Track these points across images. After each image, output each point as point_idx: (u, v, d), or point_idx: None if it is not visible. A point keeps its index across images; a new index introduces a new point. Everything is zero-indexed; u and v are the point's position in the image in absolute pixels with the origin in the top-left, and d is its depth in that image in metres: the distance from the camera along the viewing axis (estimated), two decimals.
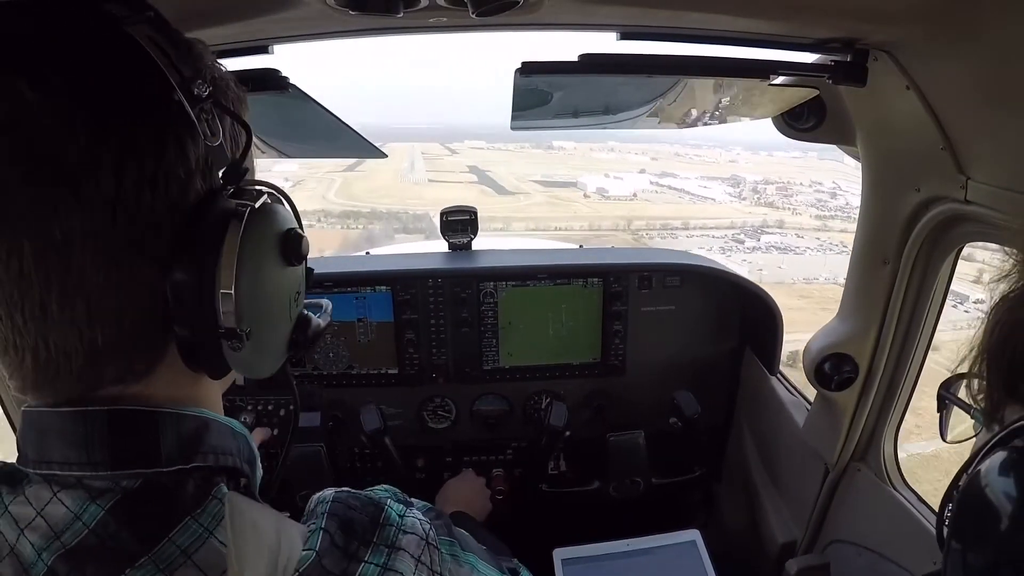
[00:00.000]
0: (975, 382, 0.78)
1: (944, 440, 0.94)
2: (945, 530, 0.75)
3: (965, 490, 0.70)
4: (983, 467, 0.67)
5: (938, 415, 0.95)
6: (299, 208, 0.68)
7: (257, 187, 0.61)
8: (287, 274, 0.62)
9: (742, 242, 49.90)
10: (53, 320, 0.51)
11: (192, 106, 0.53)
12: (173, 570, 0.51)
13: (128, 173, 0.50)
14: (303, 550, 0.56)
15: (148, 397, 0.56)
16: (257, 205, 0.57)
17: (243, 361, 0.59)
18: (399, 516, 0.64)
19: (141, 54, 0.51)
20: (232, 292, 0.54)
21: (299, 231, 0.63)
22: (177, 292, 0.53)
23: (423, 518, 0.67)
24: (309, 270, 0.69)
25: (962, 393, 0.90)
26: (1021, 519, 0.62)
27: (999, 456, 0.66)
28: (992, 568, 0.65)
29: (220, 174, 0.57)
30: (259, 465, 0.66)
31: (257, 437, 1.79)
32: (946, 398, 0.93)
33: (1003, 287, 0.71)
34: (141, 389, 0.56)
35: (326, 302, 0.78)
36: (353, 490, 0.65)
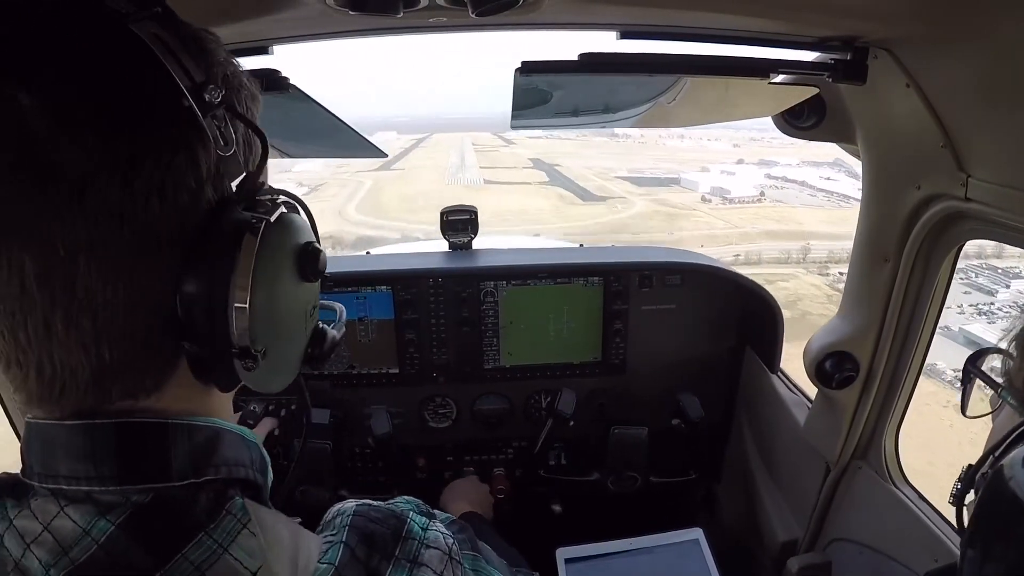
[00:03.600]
0: (1011, 362, 0.76)
1: (964, 414, 0.92)
2: (965, 517, 0.74)
3: (991, 482, 0.68)
4: (1010, 458, 0.66)
5: (961, 388, 0.93)
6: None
7: (271, 196, 0.58)
8: (303, 289, 0.60)
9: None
10: (58, 339, 0.48)
11: (203, 113, 0.50)
12: None
13: (136, 182, 0.47)
14: (319, 562, 0.55)
15: (159, 410, 0.54)
16: (273, 218, 0.54)
17: (256, 378, 0.57)
18: (422, 529, 0.62)
19: (148, 54, 0.48)
20: (246, 309, 0.51)
21: (316, 245, 0.60)
22: (188, 306, 0.51)
23: (446, 531, 0.65)
24: (324, 277, 0.67)
25: (989, 369, 0.89)
26: None
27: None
28: (1017, 563, 0.64)
29: (234, 185, 0.55)
30: (270, 471, 0.65)
31: (264, 427, 1.77)
32: (972, 372, 0.90)
33: None
34: (152, 403, 0.54)
35: (340, 307, 0.76)
36: (373, 502, 0.63)
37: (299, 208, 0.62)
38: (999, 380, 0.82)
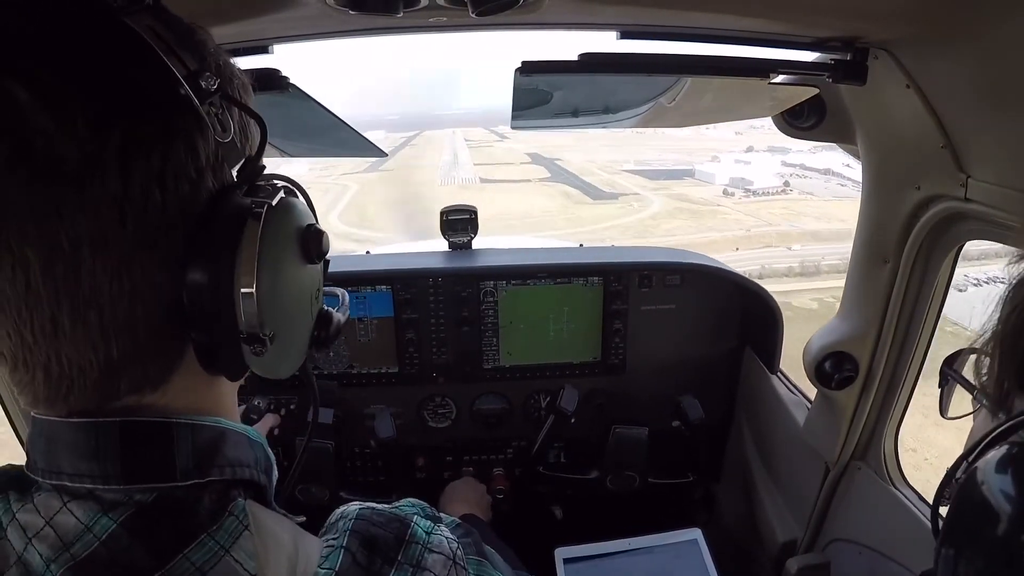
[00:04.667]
0: (984, 363, 0.76)
1: (944, 416, 0.92)
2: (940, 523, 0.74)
3: (962, 486, 0.68)
4: (981, 463, 0.66)
5: (939, 390, 0.92)
6: None
7: (272, 182, 0.58)
8: (308, 272, 0.60)
9: None
10: (65, 335, 0.48)
11: (200, 100, 0.50)
12: None
13: (135, 172, 0.47)
14: (319, 567, 0.55)
15: (163, 407, 0.54)
16: (275, 202, 0.55)
17: (264, 364, 0.57)
18: (426, 533, 0.62)
19: (142, 46, 0.48)
20: (253, 294, 0.52)
21: (318, 227, 0.61)
22: (194, 295, 0.51)
23: (451, 536, 0.64)
24: (326, 262, 0.67)
25: (966, 371, 0.89)
26: (1017, 519, 0.61)
27: (999, 452, 0.64)
28: (986, 569, 0.64)
29: (235, 171, 0.55)
30: (275, 471, 0.64)
31: (265, 424, 1.77)
32: (948, 375, 0.90)
33: (1021, 268, 0.68)
34: (157, 398, 0.54)
35: (341, 292, 0.76)
36: (377, 505, 0.63)
37: (297, 192, 0.62)
38: (974, 382, 0.82)
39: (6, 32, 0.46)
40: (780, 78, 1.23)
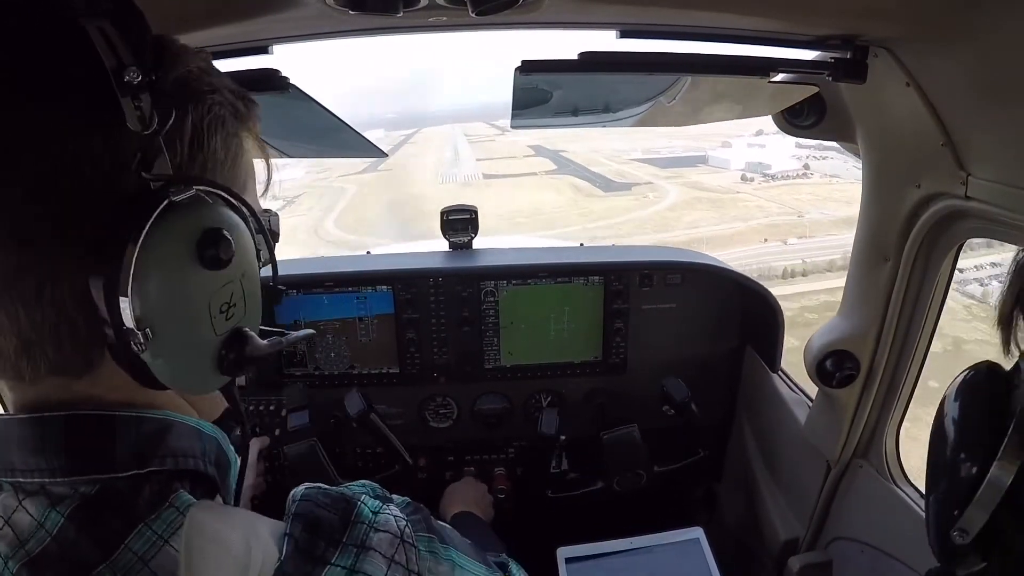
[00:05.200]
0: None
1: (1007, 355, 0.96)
2: None
3: (934, 420, 0.76)
4: (946, 391, 0.74)
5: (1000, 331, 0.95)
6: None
7: (207, 188, 0.56)
8: (203, 278, 0.55)
9: None
10: None
11: (123, 93, 0.49)
12: None
13: (48, 157, 0.49)
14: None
15: (99, 399, 0.55)
16: (178, 199, 0.53)
17: (159, 368, 0.54)
18: (372, 513, 0.61)
19: (79, 40, 0.49)
20: (127, 287, 0.50)
21: (224, 233, 0.55)
22: (95, 287, 0.51)
23: (399, 514, 0.64)
24: (278, 289, 0.66)
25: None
26: (957, 439, 0.70)
27: (959, 376, 0.72)
28: (945, 493, 0.72)
29: (154, 168, 0.53)
30: (234, 468, 0.64)
31: (255, 447, 1.78)
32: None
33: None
34: (87, 388, 0.55)
35: (308, 331, 0.73)
36: (326, 487, 0.63)
37: (235, 200, 0.59)
38: None
39: None
40: (780, 77, 1.23)
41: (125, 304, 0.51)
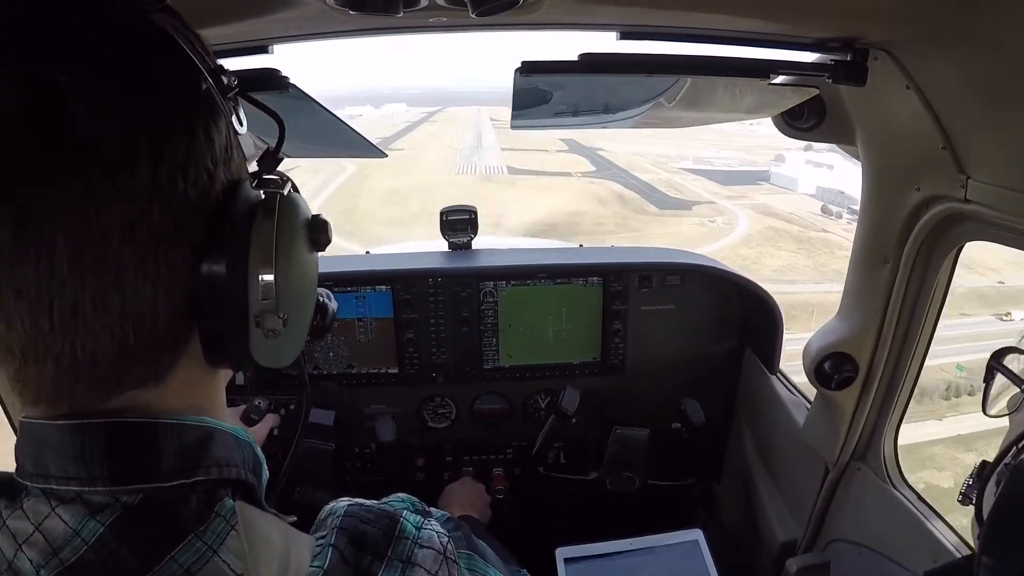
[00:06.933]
0: None
1: (986, 413, 0.91)
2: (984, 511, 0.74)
3: (1011, 477, 0.68)
4: None
5: (984, 384, 0.92)
6: None
7: (274, 175, 0.61)
8: (314, 260, 0.64)
9: None
10: (84, 321, 0.48)
11: (223, 95, 0.53)
12: None
13: (163, 161, 0.49)
14: (311, 566, 0.55)
15: (155, 406, 0.54)
16: (285, 192, 0.58)
17: (269, 350, 0.58)
18: (415, 528, 0.62)
19: (168, 42, 0.51)
20: (272, 278, 0.54)
21: (323, 216, 0.63)
22: (210, 280, 0.52)
23: (441, 530, 0.64)
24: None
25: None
26: None
27: None
28: None
29: (256, 162, 0.58)
30: (265, 470, 0.64)
31: (266, 424, 1.75)
32: (996, 369, 0.89)
33: None
34: (153, 396, 0.54)
35: (324, 291, 0.79)
36: (366, 502, 0.63)
37: (296, 187, 0.65)
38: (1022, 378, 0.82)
39: (48, 28, 0.47)
40: (780, 79, 1.23)
41: (268, 296, 0.54)
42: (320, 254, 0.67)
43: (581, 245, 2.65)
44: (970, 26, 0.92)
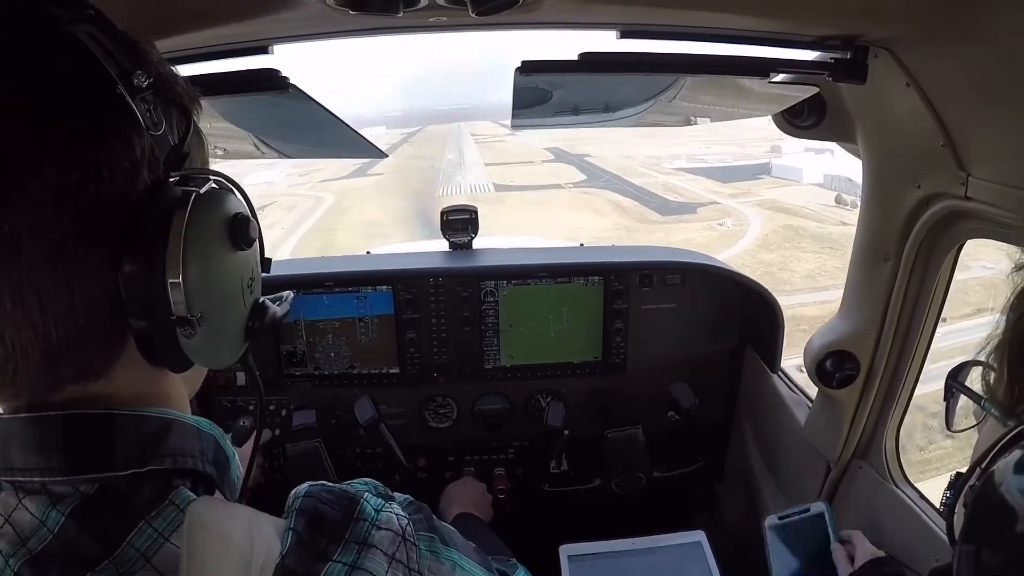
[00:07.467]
0: (992, 373, 0.76)
1: (950, 429, 0.91)
2: (956, 525, 0.74)
3: (980, 489, 0.69)
4: (999, 465, 0.66)
5: (944, 403, 0.92)
6: None
7: (205, 175, 0.61)
8: (237, 259, 0.62)
9: None
10: (6, 315, 0.50)
11: (132, 96, 0.52)
12: (133, 573, 0.51)
13: (71, 165, 0.50)
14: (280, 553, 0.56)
15: (108, 397, 0.56)
16: (203, 191, 0.57)
17: (199, 350, 0.58)
18: (375, 510, 0.62)
19: (80, 49, 0.51)
20: (179, 277, 0.54)
21: (246, 215, 0.62)
22: (128, 283, 0.53)
23: (401, 513, 0.64)
24: (267, 259, 0.70)
25: (970, 382, 0.88)
26: None
27: (1015, 455, 0.65)
28: (1008, 568, 0.65)
29: (163, 160, 0.57)
30: (233, 464, 0.66)
31: (254, 442, 1.77)
32: (954, 387, 0.89)
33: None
34: (101, 388, 0.56)
35: (287, 293, 0.78)
36: (329, 484, 0.64)
37: (231, 187, 0.64)
38: (981, 393, 0.82)
39: None
40: (780, 77, 1.23)
41: (177, 295, 0.54)
42: (320, 255, 0.66)
43: (582, 244, 2.65)
44: (970, 23, 0.92)
